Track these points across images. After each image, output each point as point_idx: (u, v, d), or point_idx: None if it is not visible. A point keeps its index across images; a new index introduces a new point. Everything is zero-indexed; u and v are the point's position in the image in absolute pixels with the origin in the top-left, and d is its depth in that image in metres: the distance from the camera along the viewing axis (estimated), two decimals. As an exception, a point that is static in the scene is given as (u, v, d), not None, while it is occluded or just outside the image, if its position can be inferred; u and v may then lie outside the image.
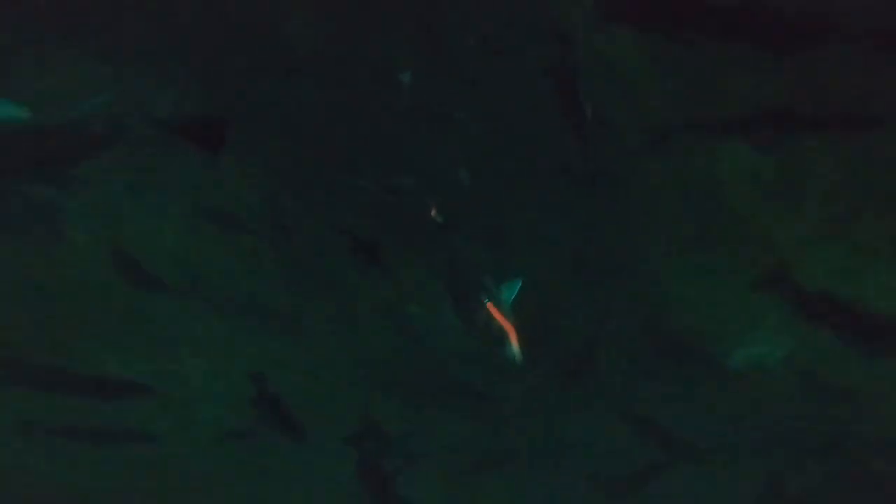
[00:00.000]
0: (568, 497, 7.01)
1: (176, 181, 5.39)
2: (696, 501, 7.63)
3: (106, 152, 5.29)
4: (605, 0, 4.49)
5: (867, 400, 6.26)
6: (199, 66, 5.00)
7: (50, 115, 4.93)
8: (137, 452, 7.08)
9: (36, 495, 7.75)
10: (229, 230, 5.57)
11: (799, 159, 4.78)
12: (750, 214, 5.11)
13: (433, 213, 4.99)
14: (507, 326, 4.13)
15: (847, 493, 7.72)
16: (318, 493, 7.05)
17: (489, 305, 4.21)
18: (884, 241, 4.96)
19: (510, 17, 4.81)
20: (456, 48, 4.90)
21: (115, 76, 4.85)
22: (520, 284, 4.44)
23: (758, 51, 4.38)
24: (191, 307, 6.03)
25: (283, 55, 4.86)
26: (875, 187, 4.73)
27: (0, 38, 4.56)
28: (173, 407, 6.67)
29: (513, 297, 4.35)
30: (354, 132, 5.18)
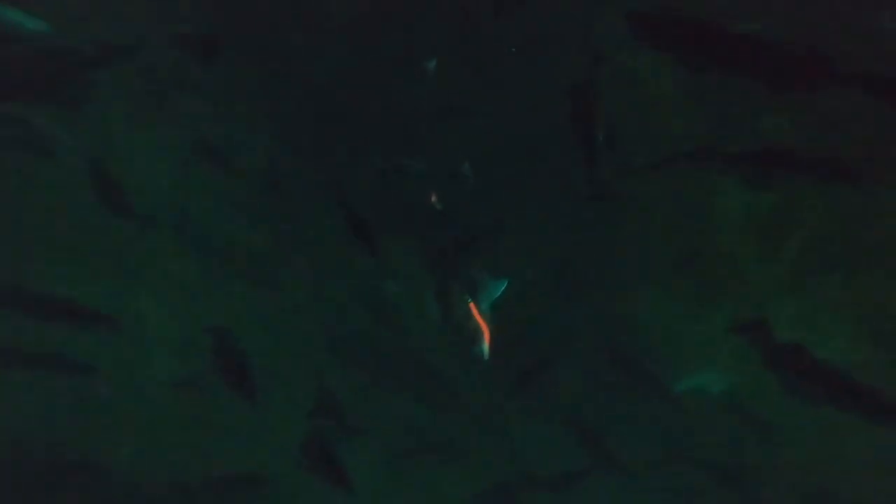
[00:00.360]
0: (503, 491, 7.21)
1: (179, 116, 5.31)
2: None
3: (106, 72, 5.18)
4: (639, 23, 4.59)
5: (792, 444, 6.67)
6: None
7: (58, 36, 4.80)
8: (72, 384, 6.86)
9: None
10: (225, 173, 5.50)
11: (790, 204, 5.04)
12: (732, 251, 5.37)
13: (433, 200, 5.05)
14: (483, 325, 4.24)
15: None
16: (262, 453, 7.02)
17: (470, 302, 4.30)
18: (848, 298, 5.31)
19: (546, 27, 4.91)
20: (488, 46, 4.98)
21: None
22: (505, 285, 4.53)
23: (771, 88, 4.56)
24: (165, 241, 5.93)
25: (317, 12, 4.86)
26: (853, 244, 5.05)
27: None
28: (123, 341, 6.50)
29: (496, 297, 4.45)
30: (372, 104, 5.20)
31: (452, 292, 4.43)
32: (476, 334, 4.23)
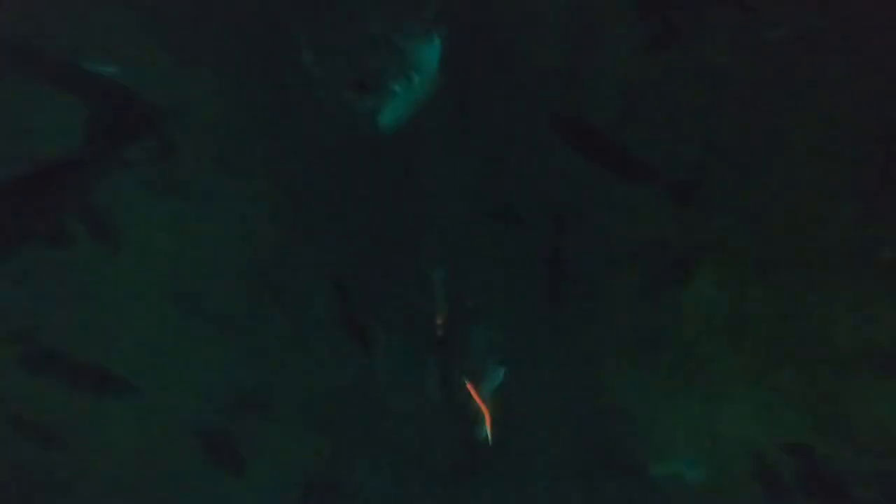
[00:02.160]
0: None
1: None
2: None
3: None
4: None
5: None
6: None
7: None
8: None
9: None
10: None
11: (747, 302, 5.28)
12: (694, 341, 5.59)
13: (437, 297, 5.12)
14: (484, 409, 4.30)
15: None
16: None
17: (469, 387, 4.36)
18: (797, 391, 5.57)
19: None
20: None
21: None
22: (503, 372, 4.61)
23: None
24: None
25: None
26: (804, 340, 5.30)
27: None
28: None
29: (496, 383, 4.52)
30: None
31: (453, 379, 4.49)
32: (477, 418, 4.28)
